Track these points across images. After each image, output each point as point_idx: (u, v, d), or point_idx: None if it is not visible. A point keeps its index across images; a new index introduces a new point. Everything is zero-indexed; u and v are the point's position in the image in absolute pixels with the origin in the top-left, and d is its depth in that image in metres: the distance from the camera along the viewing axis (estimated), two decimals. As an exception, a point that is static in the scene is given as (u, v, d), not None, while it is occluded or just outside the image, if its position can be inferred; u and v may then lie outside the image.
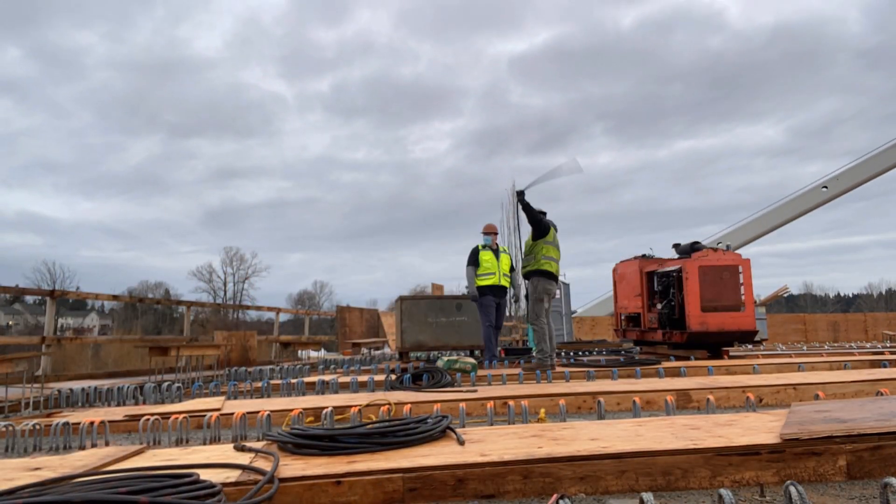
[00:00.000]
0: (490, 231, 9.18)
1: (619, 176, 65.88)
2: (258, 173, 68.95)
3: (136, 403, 5.69)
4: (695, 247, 9.75)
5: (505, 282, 8.96)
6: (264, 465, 2.39)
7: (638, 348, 11.03)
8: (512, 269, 9.25)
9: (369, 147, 71.25)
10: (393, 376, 6.35)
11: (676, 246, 10.44)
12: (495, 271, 8.86)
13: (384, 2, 68.47)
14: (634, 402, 3.87)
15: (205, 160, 65.76)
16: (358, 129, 70.17)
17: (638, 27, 54.90)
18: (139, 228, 68.93)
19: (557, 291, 16.08)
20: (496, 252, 9.02)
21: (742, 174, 63.22)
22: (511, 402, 3.87)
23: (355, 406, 4.32)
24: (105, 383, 6.51)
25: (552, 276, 7.49)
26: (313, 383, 6.28)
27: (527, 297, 7.91)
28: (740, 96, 58.04)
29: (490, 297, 8.81)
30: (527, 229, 7.71)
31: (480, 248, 9.05)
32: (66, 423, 3.80)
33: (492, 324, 8.84)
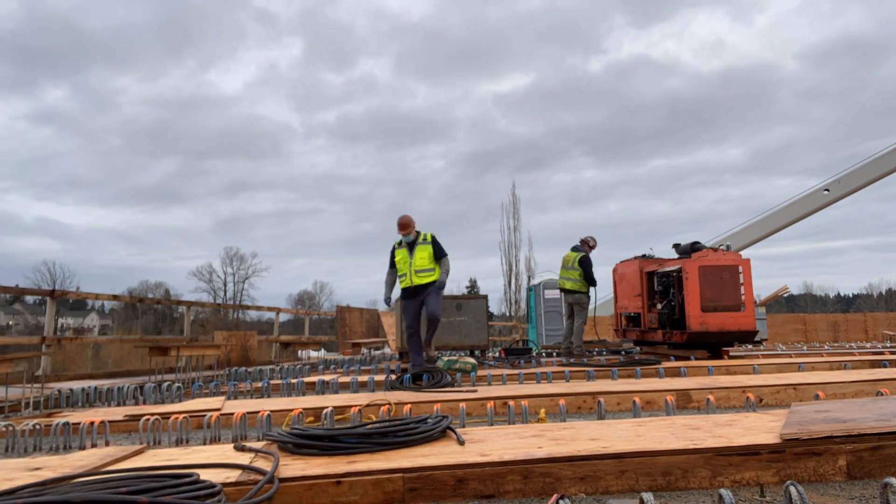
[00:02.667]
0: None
1: (602, 189, 75.62)
2: (267, 187, 76.71)
3: (137, 403, 5.69)
4: (695, 247, 9.74)
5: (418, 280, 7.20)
6: (264, 465, 2.39)
7: (638, 348, 11.03)
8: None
9: (370, 166, 79.42)
10: (393, 376, 6.35)
11: (676, 246, 10.44)
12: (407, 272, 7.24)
13: (386, 51, 78.87)
14: (634, 402, 3.87)
15: (218, 176, 74.46)
16: (360, 151, 79.10)
17: (605, 72, 67.81)
18: (153, 235, 75.57)
19: (557, 292, 16.09)
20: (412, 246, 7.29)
21: (714, 188, 73.13)
22: (511, 403, 3.87)
23: (355, 406, 4.32)
24: (105, 383, 6.51)
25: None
26: (313, 383, 6.28)
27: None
28: (702, 126, 69.07)
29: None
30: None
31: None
32: (67, 423, 3.80)
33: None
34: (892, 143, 24.45)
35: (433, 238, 7.36)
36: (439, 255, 7.31)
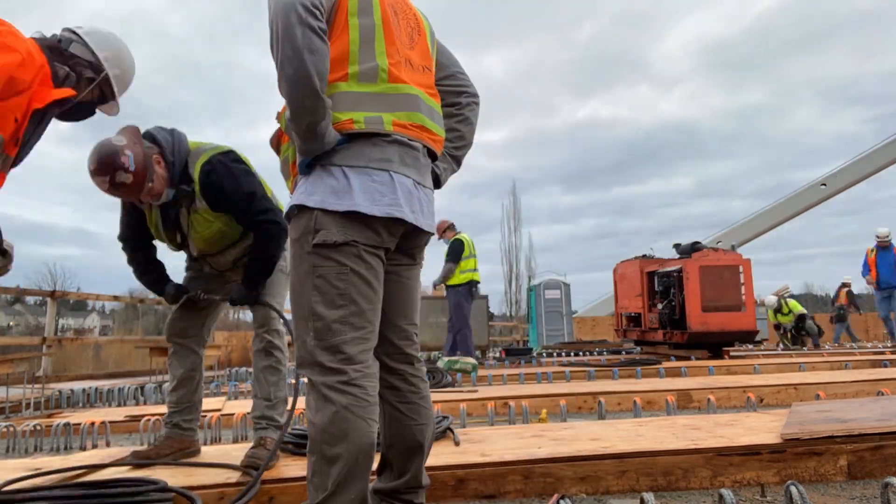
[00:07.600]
0: None
1: (577, 210, 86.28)
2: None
3: (137, 404, 5.69)
4: (695, 247, 9.74)
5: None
6: (265, 465, 2.39)
7: (639, 348, 11.03)
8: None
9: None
10: (393, 377, 6.34)
11: (677, 246, 10.44)
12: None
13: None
14: (635, 402, 3.87)
15: (240, 194, 79.70)
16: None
17: (565, 129, 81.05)
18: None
19: (557, 292, 16.10)
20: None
21: (674, 207, 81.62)
22: (512, 403, 3.87)
23: (356, 406, 4.31)
24: (106, 384, 6.51)
25: None
26: (314, 384, 6.26)
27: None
28: (650, 162, 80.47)
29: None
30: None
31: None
32: (67, 424, 3.80)
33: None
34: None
35: None
36: None
